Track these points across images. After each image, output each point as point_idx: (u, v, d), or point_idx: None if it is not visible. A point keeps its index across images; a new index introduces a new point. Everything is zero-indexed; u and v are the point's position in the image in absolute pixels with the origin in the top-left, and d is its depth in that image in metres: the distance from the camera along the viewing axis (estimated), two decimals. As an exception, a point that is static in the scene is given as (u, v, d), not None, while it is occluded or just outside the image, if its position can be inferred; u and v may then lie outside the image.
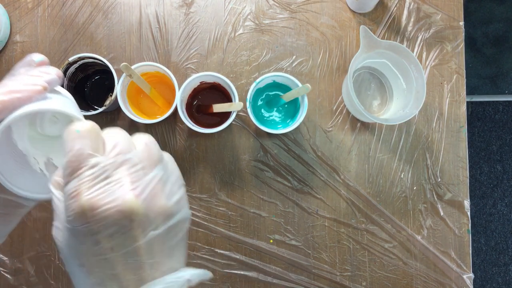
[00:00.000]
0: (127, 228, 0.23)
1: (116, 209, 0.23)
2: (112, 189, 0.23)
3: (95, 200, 0.22)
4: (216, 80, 0.58)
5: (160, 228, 0.25)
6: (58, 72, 0.31)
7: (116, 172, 0.24)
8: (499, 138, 1.42)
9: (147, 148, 0.26)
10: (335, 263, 0.61)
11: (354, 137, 0.63)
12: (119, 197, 0.23)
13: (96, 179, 0.23)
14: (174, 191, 0.26)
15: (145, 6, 0.63)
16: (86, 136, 0.25)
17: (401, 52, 0.57)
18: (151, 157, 0.26)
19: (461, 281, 0.61)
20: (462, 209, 0.62)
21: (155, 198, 0.25)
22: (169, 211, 0.25)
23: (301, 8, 0.64)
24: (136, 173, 0.24)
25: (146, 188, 0.24)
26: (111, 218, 0.23)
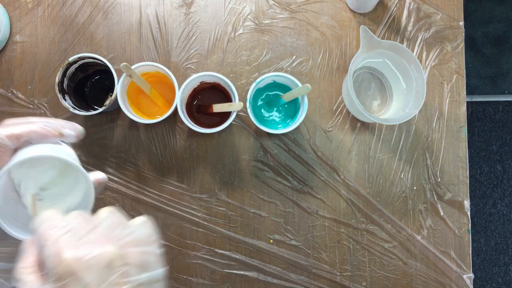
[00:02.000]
0: (111, 272, 0.25)
1: (98, 254, 0.25)
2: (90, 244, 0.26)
3: (77, 252, 0.25)
4: (216, 80, 0.58)
5: (142, 275, 0.26)
6: (79, 133, 0.36)
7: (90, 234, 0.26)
8: (499, 138, 1.42)
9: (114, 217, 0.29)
10: (335, 263, 0.61)
11: (354, 137, 0.63)
12: (98, 247, 0.25)
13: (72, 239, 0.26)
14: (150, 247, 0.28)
15: (145, 6, 0.63)
16: (52, 217, 0.28)
17: (401, 52, 0.57)
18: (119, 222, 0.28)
19: (461, 281, 0.61)
20: (462, 209, 0.62)
21: (132, 248, 0.27)
22: (148, 262, 0.27)
23: (301, 8, 0.64)
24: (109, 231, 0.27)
25: (122, 239, 0.27)
26: (94, 264, 0.25)
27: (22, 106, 0.62)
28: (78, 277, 0.24)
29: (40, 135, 0.33)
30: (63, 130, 0.35)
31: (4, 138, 0.31)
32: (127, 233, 0.27)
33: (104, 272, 0.25)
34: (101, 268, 0.25)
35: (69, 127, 0.35)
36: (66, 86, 0.57)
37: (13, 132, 0.32)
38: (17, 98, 0.62)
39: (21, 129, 0.32)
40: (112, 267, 0.25)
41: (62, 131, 0.34)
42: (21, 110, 0.62)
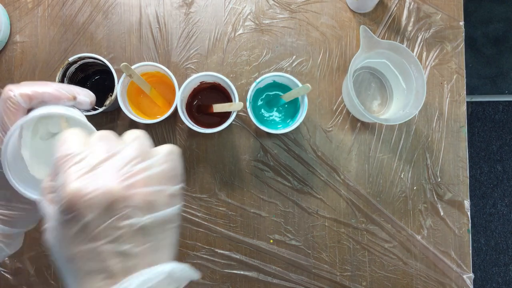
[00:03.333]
0: (112, 214, 0.24)
1: (100, 193, 0.24)
2: (96, 178, 0.24)
3: (81, 187, 0.24)
4: (216, 80, 0.58)
5: (144, 217, 0.25)
6: (92, 99, 0.36)
7: (102, 165, 0.25)
8: (499, 138, 1.42)
9: (136, 143, 0.27)
10: (335, 263, 0.61)
11: (354, 137, 0.63)
12: (103, 184, 0.24)
13: (81, 170, 0.25)
14: (164, 185, 0.27)
15: (145, 6, 0.63)
16: (72, 139, 0.27)
17: (401, 52, 0.57)
18: (141, 151, 0.27)
19: (461, 281, 0.61)
20: (462, 209, 0.62)
21: (139, 188, 0.25)
22: (155, 203, 0.26)
23: (301, 8, 0.64)
24: (122, 165, 0.25)
25: (131, 178, 0.25)
26: (96, 203, 0.24)
27: (22, 106, 0.62)
28: (79, 214, 0.24)
29: (54, 96, 0.32)
30: (77, 95, 0.34)
31: (18, 96, 0.31)
32: (141, 168, 0.26)
33: (104, 213, 0.24)
34: (102, 209, 0.24)
35: (84, 93, 0.35)
36: (66, 86, 0.57)
37: (27, 91, 0.32)
38: (17, 98, 0.62)
39: (36, 89, 0.32)
40: (113, 208, 0.24)
41: (76, 95, 0.34)
42: (21, 110, 0.62)
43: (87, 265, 0.24)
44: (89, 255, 0.24)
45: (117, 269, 0.24)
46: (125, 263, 0.25)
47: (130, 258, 0.25)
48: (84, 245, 0.24)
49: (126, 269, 0.24)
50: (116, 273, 0.24)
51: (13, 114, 0.31)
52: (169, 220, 0.27)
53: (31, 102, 0.32)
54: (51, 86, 0.33)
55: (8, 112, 0.31)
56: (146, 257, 0.25)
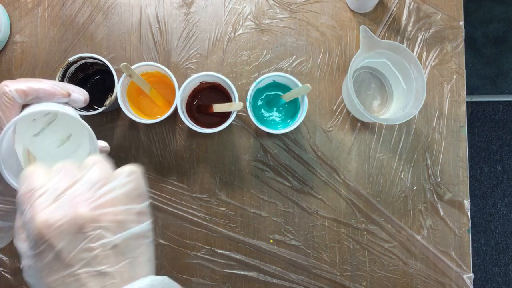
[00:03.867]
0: (82, 237, 0.25)
1: (69, 219, 0.24)
2: (62, 206, 0.25)
3: (48, 217, 0.24)
4: (216, 80, 0.58)
5: (115, 236, 0.26)
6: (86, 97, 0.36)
7: (65, 193, 0.26)
8: (499, 138, 1.42)
9: (96, 167, 0.28)
10: (335, 263, 0.61)
11: (354, 137, 0.63)
12: (69, 210, 0.25)
13: (46, 202, 0.25)
14: (129, 204, 0.27)
15: (145, 6, 0.63)
16: (33, 174, 0.27)
17: (401, 52, 0.57)
18: (102, 175, 0.27)
19: (461, 281, 0.61)
20: (462, 209, 0.62)
21: (106, 209, 0.26)
22: (124, 222, 0.26)
23: (301, 8, 0.64)
24: (86, 190, 0.26)
25: (96, 201, 0.26)
26: (66, 229, 0.24)
27: (22, 106, 0.62)
28: (50, 244, 0.24)
29: (49, 93, 0.33)
30: (72, 92, 0.35)
31: (13, 91, 0.32)
32: (105, 190, 0.26)
33: (75, 238, 0.24)
34: (72, 234, 0.24)
35: (78, 91, 0.36)
36: (66, 86, 0.57)
37: (22, 87, 0.32)
38: (17, 98, 0.62)
39: (31, 85, 0.32)
40: (84, 231, 0.25)
41: (71, 92, 0.34)
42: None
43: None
44: (67, 281, 0.25)
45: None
46: (103, 283, 0.25)
47: (107, 277, 0.25)
48: (61, 273, 0.25)
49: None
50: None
51: (8, 109, 0.32)
52: (141, 237, 0.27)
53: (26, 97, 0.32)
54: (46, 82, 0.33)
55: (3, 107, 0.32)
56: (123, 274, 0.26)
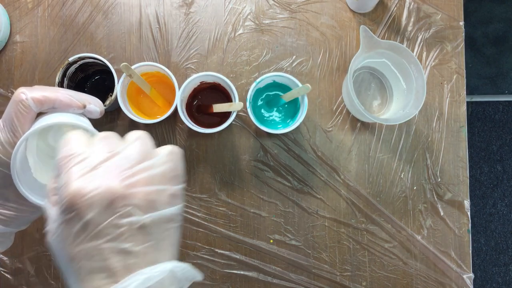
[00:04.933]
0: (112, 212, 0.24)
1: (101, 192, 0.24)
2: (97, 177, 0.25)
3: (82, 186, 0.24)
4: (216, 80, 0.58)
5: (145, 216, 0.25)
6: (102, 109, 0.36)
7: (103, 165, 0.25)
8: (499, 138, 1.42)
9: (138, 143, 0.27)
10: (335, 263, 0.61)
11: (354, 137, 0.63)
12: (104, 183, 0.24)
13: (83, 170, 0.25)
14: (165, 185, 0.27)
15: (145, 6, 0.63)
16: (75, 140, 0.27)
17: (401, 52, 0.57)
18: (142, 151, 0.27)
19: (461, 281, 0.61)
20: (462, 209, 0.62)
21: (140, 187, 0.25)
22: (156, 202, 0.26)
23: (301, 8, 0.64)
24: (123, 164, 0.26)
25: (131, 177, 0.25)
26: (96, 201, 0.24)
27: (22, 106, 0.62)
28: (80, 213, 0.24)
29: (65, 104, 0.33)
30: (88, 104, 0.35)
31: (30, 100, 0.32)
32: (142, 167, 0.26)
33: (104, 211, 0.24)
34: (103, 207, 0.24)
35: (94, 102, 0.36)
36: (66, 86, 0.57)
37: (39, 96, 0.32)
38: (17, 98, 0.62)
39: (47, 95, 0.33)
40: (114, 207, 0.24)
41: (86, 104, 0.35)
42: (21, 110, 0.62)
43: (88, 264, 0.24)
44: (90, 254, 0.24)
45: (118, 268, 0.24)
46: (126, 261, 0.25)
47: (130, 256, 0.25)
48: (85, 244, 0.24)
49: (126, 268, 0.24)
50: (116, 272, 0.24)
51: (23, 117, 0.32)
52: (170, 220, 0.27)
53: (42, 106, 0.32)
54: (63, 93, 0.33)
55: (18, 114, 0.32)
56: (146, 256, 0.25)
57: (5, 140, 0.32)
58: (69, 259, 0.25)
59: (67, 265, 0.25)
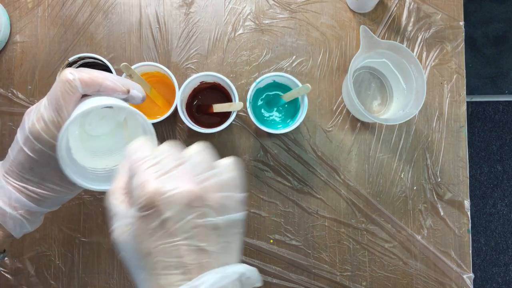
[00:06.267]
0: (190, 211, 0.26)
1: (180, 192, 0.25)
2: (174, 179, 0.26)
3: (160, 186, 0.25)
4: (216, 80, 0.58)
5: (219, 217, 0.27)
6: (144, 95, 0.37)
7: (176, 169, 0.27)
8: (499, 138, 1.42)
9: (204, 153, 0.29)
10: (335, 263, 0.61)
11: (354, 137, 0.63)
12: (182, 184, 0.26)
13: (158, 172, 0.26)
14: (231, 191, 0.28)
15: (145, 6, 0.63)
16: (145, 144, 0.29)
17: (401, 52, 0.57)
18: (208, 160, 0.29)
19: (461, 281, 0.61)
20: (462, 209, 0.62)
21: (213, 191, 0.27)
22: (227, 206, 0.27)
23: (301, 8, 0.64)
24: (194, 170, 0.27)
25: (204, 182, 0.27)
26: (175, 200, 0.25)
27: (22, 106, 0.62)
28: (158, 210, 0.25)
29: (110, 88, 0.34)
30: (132, 89, 0.35)
31: (77, 80, 0.32)
32: (211, 174, 0.28)
33: (183, 210, 0.25)
34: (181, 206, 0.25)
35: (137, 88, 0.36)
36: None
37: (86, 78, 0.33)
38: (17, 98, 0.62)
39: (94, 78, 0.33)
40: (192, 206, 0.26)
41: (130, 89, 0.35)
42: (21, 110, 0.62)
43: (165, 260, 0.25)
44: (167, 250, 0.25)
45: (193, 266, 0.25)
46: (200, 260, 0.26)
47: (205, 255, 0.26)
48: (163, 240, 0.25)
49: (200, 266, 0.25)
50: (191, 269, 0.25)
51: (69, 97, 0.32)
52: (237, 225, 0.28)
53: (88, 89, 0.33)
54: (108, 78, 0.34)
55: (65, 94, 0.32)
56: (218, 256, 0.26)
57: (49, 118, 0.32)
58: (144, 254, 0.26)
59: (141, 260, 0.26)
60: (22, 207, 0.36)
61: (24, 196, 0.35)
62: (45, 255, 0.61)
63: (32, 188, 0.35)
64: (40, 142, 0.33)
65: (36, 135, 0.33)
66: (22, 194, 0.35)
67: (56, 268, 0.61)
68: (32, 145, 0.33)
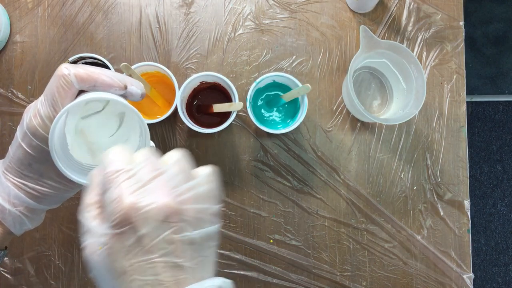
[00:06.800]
0: (166, 227, 0.25)
1: (157, 207, 0.25)
2: (150, 194, 0.25)
3: (136, 201, 0.25)
4: (216, 80, 0.58)
5: (194, 232, 0.26)
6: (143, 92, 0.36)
7: (152, 181, 0.26)
8: (499, 138, 1.42)
9: (181, 163, 0.28)
10: (335, 263, 0.61)
11: (354, 137, 0.63)
12: (158, 198, 0.25)
13: (134, 185, 0.25)
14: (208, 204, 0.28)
15: (145, 6, 0.63)
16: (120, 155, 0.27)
17: (401, 52, 0.57)
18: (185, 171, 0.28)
19: (461, 281, 0.61)
20: (462, 209, 0.62)
21: (189, 205, 0.26)
22: (202, 220, 0.27)
23: (301, 8, 0.64)
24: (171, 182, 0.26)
25: (181, 195, 0.26)
26: (152, 215, 0.24)
27: (22, 106, 0.62)
28: (134, 227, 0.24)
29: (106, 84, 0.33)
30: (129, 85, 0.35)
31: (72, 75, 0.32)
32: (188, 187, 0.27)
33: (160, 226, 0.25)
34: (158, 222, 0.25)
35: (136, 84, 0.36)
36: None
37: (82, 73, 0.32)
38: (17, 98, 0.62)
39: (90, 73, 0.33)
40: (168, 221, 0.25)
41: (128, 85, 0.35)
42: (21, 110, 0.62)
43: (141, 278, 0.25)
44: (143, 268, 0.25)
45: (170, 283, 0.25)
46: (177, 276, 0.25)
47: (182, 271, 0.25)
48: (139, 258, 0.25)
49: (178, 283, 0.25)
50: (168, 287, 0.25)
51: (64, 92, 0.32)
52: (212, 238, 0.28)
53: (84, 84, 0.33)
54: (105, 73, 0.33)
55: (60, 89, 0.32)
56: (195, 271, 0.26)
57: (45, 114, 0.32)
58: (120, 273, 0.25)
59: (115, 279, 0.25)
60: (21, 204, 0.35)
61: (23, 193, 0.35)
62: (45, 255, 0.61)
63: (31, 184, 0.35)
64: (37, 138, 0.33)
65: (33, 130, 0.33)
66: (21, 191, 0.35)
67: (56, 268, 0.61)
68: (30, 141, 0.33)
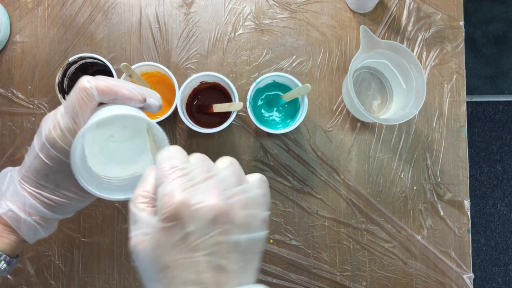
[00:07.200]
0: (214, 227, 0.25)
1: (206, 206, 0.25)
2: (201, 193, 0.26)
3: (187, 198, 0.25)
4: (216, 80, 0.58)
5: (242, 236, 0.26)
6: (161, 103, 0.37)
7: (204, 182, 0.27)
8: (499, 138, 1.42)
9: (233, 168, 0.29)
10: (335, 263, 0.61)
11: (354, 137, 0.63)
12: (208, 198, 0.25)
13: (187, 183, 0.26)
14: (257, 209, 0.28)
15: (145, 6, 0.63)
16: (177, 154, 0.28)
17: (401, 52, 0.57)
18: (236, 176, 0.28)
19: (461, 281, 0.61)
20: (462, 209, 0.62)
21: (239, 208, 0.26)
22: (251, 224, 0.27)
23: (301, 8, 0.64)
24: (222, 185, 0.27)
25: (231, 198, 0.26)
26: (201, 214, 0.25)
27: (22, 106, 0.62)
28: (183, 223, 0.25)
29: (126, 97, 0.34)
30: (148, 98, 0.35)
31: (94, 88, 0.32)
32: (239, 190, 0.27)
33: (207, 225, 0.25)
34: (206, 220, 0.25)
35: (154, 97, 0.36)
36: (66, 86, 0.57)
37: (103, 87, 0.33)
38: (17, 98, 0.62)
39: (111, 86, 0.33)
40: (216, 222, 0.25)
41: (147, 98, 0.35)
42: (21, 110, 0.62)
43: (183, 274, 0.25)
44: (187, 264, 0.25)
45: (210, 284, 0.25)
46: (218, 278, 0.25)
47: (224, 274, 0.25)
48: (183, 255, 0.25)
49: (218, 285, 0.25)
50: (209, 287, 0.25)
51: (85, 105, 0.32)
52: (258, 244, 0.28)
53: (104, 97, 0.33)
54: (125, 86, 0.34)
55: (81, 102, 0.32)
56: (237, 275, 0.26)
57: (65, 126, 0.32)
58: (162, 267, 0.25)
59: (158, 273, 0.26)
60: (36, 213, 0.36)
61: (38, 203, 0.35)
62: (45, 255, 0.61)
63: (47, 194, 0.35)
64: (56, 149, 0.33)
65: (52, 142, 0.33)
66: (37, 201, 0.35)
67: (56, 268, 0.61)
68: (48, 151, 0.33)
